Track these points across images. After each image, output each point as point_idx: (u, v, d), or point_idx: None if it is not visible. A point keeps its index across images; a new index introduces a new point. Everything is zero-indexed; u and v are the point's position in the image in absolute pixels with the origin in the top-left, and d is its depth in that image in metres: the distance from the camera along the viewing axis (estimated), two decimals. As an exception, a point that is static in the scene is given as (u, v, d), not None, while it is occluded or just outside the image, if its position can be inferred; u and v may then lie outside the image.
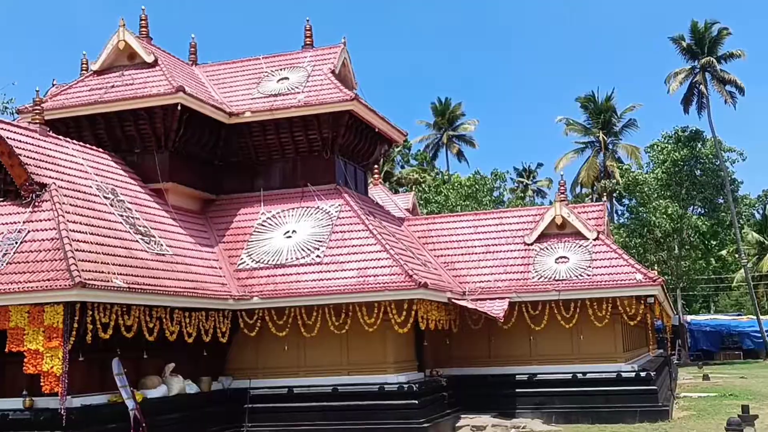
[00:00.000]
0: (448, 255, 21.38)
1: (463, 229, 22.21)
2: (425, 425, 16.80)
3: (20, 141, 15.76)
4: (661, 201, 45.73)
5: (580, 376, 19.41)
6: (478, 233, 21.89)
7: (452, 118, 64.64)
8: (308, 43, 22.48)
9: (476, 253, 21.25)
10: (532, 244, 20.83)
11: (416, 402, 16.89)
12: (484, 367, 20.18)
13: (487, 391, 19.76)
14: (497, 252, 21.05)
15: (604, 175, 54.91)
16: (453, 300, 18.90)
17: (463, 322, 19.94)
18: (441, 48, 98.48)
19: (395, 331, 16.95)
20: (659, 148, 48.79)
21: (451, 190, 45.10)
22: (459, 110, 64.81)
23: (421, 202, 41.09)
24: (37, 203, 14.86)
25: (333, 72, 20.95)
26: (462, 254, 21.33)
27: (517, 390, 19.66)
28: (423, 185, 47.92)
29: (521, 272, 20.19)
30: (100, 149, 18.82)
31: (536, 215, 21.80)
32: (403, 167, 58.30)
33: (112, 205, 16.56)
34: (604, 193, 52.84)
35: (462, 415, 19.02)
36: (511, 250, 20.93)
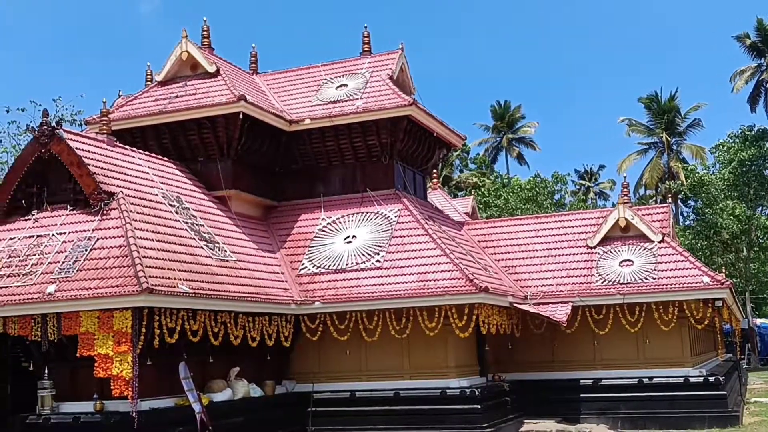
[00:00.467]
0: (509, 259, 21.23)
1: (524, 232, 22.02)
2: (488, 430, 16.71)
3: (89, 151, 16.24)
4: (728, 202, 44.53)
5: (646, 381, 19.05)
6: (540, 236, 21.67)
7: (512, 121, 64.16)
8: (366, 49, 22.63)
9: (538, 257, 21.04)
10: (595, 247, 20.54)
11: (479, 407, 16.81)
12: (547, 372, 19.97)
13: (551, 396, 19.55)
14: (559, 255, 20.80)
15: (669, 177, 53.79)
16: (515, 304, 18.76)
17: (525, 327, 19.76)
18: (500, 50, 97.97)
19: (456, 335, 16.91)
20: (725, 147, 47.52)
21: (511, 194, 44.74)
22: (519, 113, 64.31)
23: (481, 206, 40.86)
24: (105, 211, 15.29)
25: (391, 78, 21.05)
26: (523, 258, 21.14)
27: (581, 395, 19.40)
28: (482, 189, 47.65)
29: (584, 276, 19.92)
30: (165, 158, 19.27)
31: (599, 218, 21.49)
32: (461, 171, 58.11)
33: (177, 213, 16.93)
34: (669, 195, 51.73)
35: (525, 421, 18.86)
36: (574, 254, 20.68)
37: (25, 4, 77.57)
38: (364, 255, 18.29)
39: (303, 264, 18.66)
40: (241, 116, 18.88)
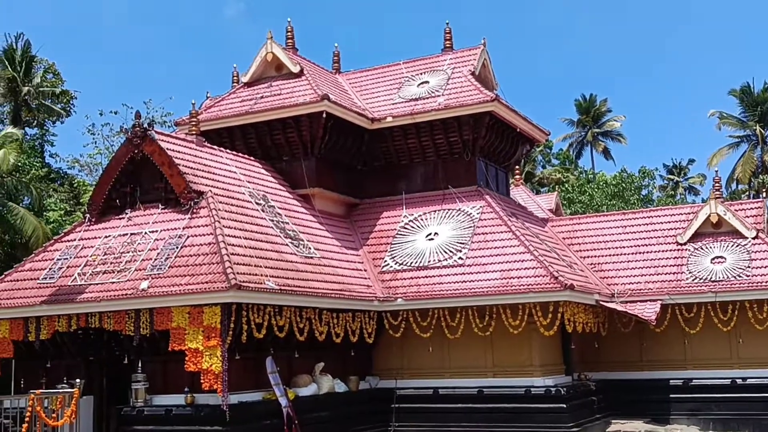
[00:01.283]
0: (595, 256, 20.85)
1: (611, 229, 21.58)
2: (573, 429, 16.49)
3: (179, 151, 16.76)
4: (827, 196, 42.54)
5: (739, 381, 18.45)
6: (627, 233, 21.20)
7: (597, 115, 62.81)
8: (448, 45, 22.60)
9: (625, 254, 20.59)
10: (685, 243, 19.98)
11: (564, 406, 16.59)
12: (635, 372, 19.56)
13: (639, 396, 19.16)
14: (647, 252, 20.32)
15: (762, 170, 51.69)
16: (601, 302, 18.43)
17: (612, 325, 19.39)
18: (585, 43, 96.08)
19: (541, 333, 16.73)
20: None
21: (596, 190, 43.82)
22: (604, 106, 62.89)
23: (565, 202, 40.17)
24: (195, 210, 15.75)
25: (473, 73, 20.96)
26: (610, 255, 20.73)
27: (670, 395, 18.96)
28: (566, 185, 46.87)
29: (674, 273, 19.41)
30: (251, 157, 19.71)
31: (689, 213, 20.88)
32: (544, 167, 57.30)
33: (263, 211, 17.30)
34: (763, 189, 49.70)
35: (612, 421, 18.52)
36: (663, 251, 20.16)
37: (114, 10, 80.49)
38: (446, 252, 18.28)
39: (385, 261, 18.78)
40: (324, 115, 19.15)
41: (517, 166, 26.01)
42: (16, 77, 38.18)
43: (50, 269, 15.81)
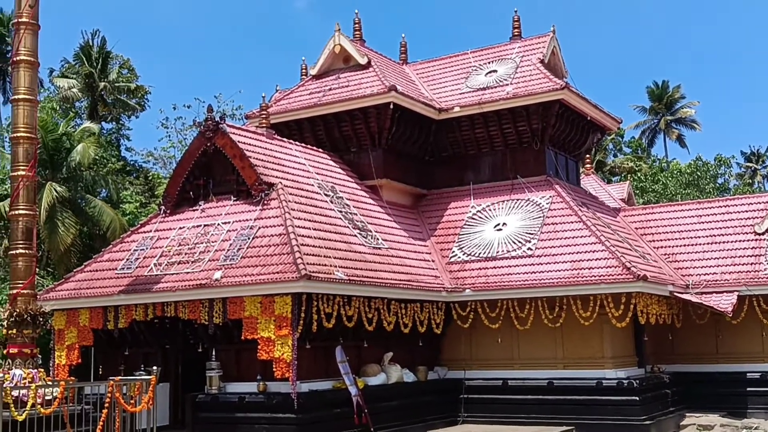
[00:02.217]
0: (669, 246, 20.41)
1: (685, 218, 21.09)
2: (646, 422, 16.21)
3: (250, 144, 17.06)
4: None
5: (820, 375, 17.84)
6: (702, 222, 20.69)
7: (670, 102, 61.25)
8: (516, 34, 22.38)
9: (700, 244, 20.10)
10: (763, 233, 19.41)
11: (637, 398, 16.33)
12: (710, 364, 19.12)
13: (715, 389, 18.72)
14: (724, 242, 19.79)
15: None
16: (675, 293, 18.04)
17: (686, 317, 18.96)
18: (656, 28, 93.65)
19: (613, 325, 16.48)
20: None
21: (670, 178, 42.77)
22: (678, 93, 61.26)
23: (637, 191, 39.32)
24: (266, 201, 16.03)
25: (542, 61, 20.71)
26: (684, 245, 20.26)
27: (747, 389, 18.50)
28: (638, 174, 45.87)
29: (751, 264, 18.87)
30: (320, 149, 19.92)
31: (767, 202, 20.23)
32: (616, 156, 56.18)
33: (332, 202, 17.48)
34: None
35: (687, 414, 18.15)
36: (740, 240, 19.62)
37: (186, 4, 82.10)
38: (515, 243, 18.15)
39: (453, 252, 18.75)
40: (391, 106, 19.21)
41: (587, 155, 25.60)
42: (92, 73, 39.35)
43: (127, 260, 16.31)
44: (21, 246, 13.53)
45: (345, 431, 14.70)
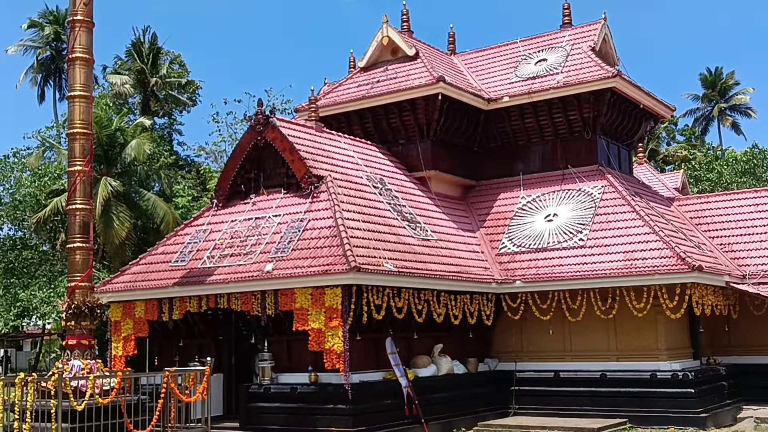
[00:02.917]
0: (725, 236, 20.00)
1: (742, 207, 20.63)
2: (702, 415, 15.93)
3: (299, 137, 17.18)
4: None
5: None
6: (759, 212, 20.23)
7: (724, 88, 59.86)
8: (566, 21, 22.09)
9: (757, 234, 19.67)
10: (823, 222, 18.87)
11: (692, 391, 16.05)
12: (768, 356, 18.68)
13: (774, 381, 18.27)
14: (782, 232, 19.30)
15: None
16: (731, 284, 17.67)
17: (743, 308, 18.54)
18: (709, 13, 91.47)
19: (667, 316, 16.22)
20: None
21: (725, 167, 41.81)
22: (732, 79, 59.81)
23: (691, 180, 38.53)
24: (315, 194, 16.13)
25: (593, 49, 20.42)
26: (741, 235, 19.84)
27: (808, 381, 17.99)
28: (692, 162, 44.94)
29: (811, 253, 18.36)
30: (368, 141, 19.96)
31: (827, 190, 19.68)
32: (669, 144, 55.13)
33: (380, 194, 17.51)
34: None
35: (744, 407, 17.77)
36: (799, 229, 19.11)
37: (235, 0, 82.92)
38: (566, 233, 17.95)
39: (503, 243, 18.63)
40: (439, 97, 19.14)
41: (640, 144, 25.17)
42: (144, 69, 40.03)
43: (181, 252, 16.58)
44: (78, 239, 13.84)
45: (395, 422, 14.74)
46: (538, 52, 21.59)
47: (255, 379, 15.69)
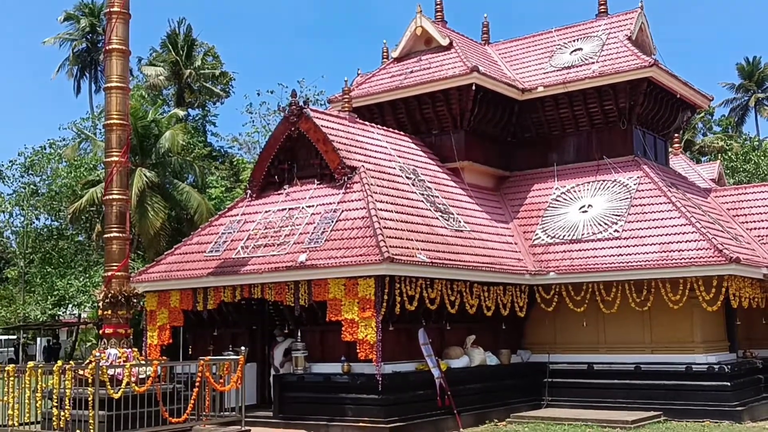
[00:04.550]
0: (763, 228, 19.69)
1: (780, 198, 20.26)
2: (738, 408, 15.73)
3: (332, 128, 17.19)
4: None
5: None
6: (798, 203, 19.85)
7: (762, 78, 58.84)
8: (602, 10, 21.83)
9: (795, 225, 19.30)
10: None
11: (728, 384, 15.85)
12: (806, 350, 18.37)
13: (811, 376, 17.96)
14: (821, 223, 18.95)
15: None
16: (769, 276, 17.38)
17: (781, 301, 18.24)
18: (746, 1, 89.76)
19: (703, 308, 16.01)
20: None
21: (763, 157, 41.13)
22: (770, 69, 58.81)
23: (727, 171, 37.96)
24: (348, 185, 16.14)
25: (629, 38, 20.15)
26: (779, 226, 19.50)
27: None
28: (729, 153, 44.25)
29: None
30: (401, 132, 19.91)
31: None
32: (705, 135, 54.33)
33: (413, 185, 17.47)
34: None
35: (781, 401, 17.50)
36: (838, 221, 18.74)
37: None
38: (600, 225, 17.78)
39: (536, 234, 18.51)
40: (473, 87, 19.02)
41: (676, 135, 24.82)
42: (178, 61, 40.35)
43: (215, 242, 16.71)
44: (115, 229, 13.97)
45: (428, 413, 14.76)
46: (574, 41, 21.37)
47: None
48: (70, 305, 33.81)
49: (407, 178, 17.62)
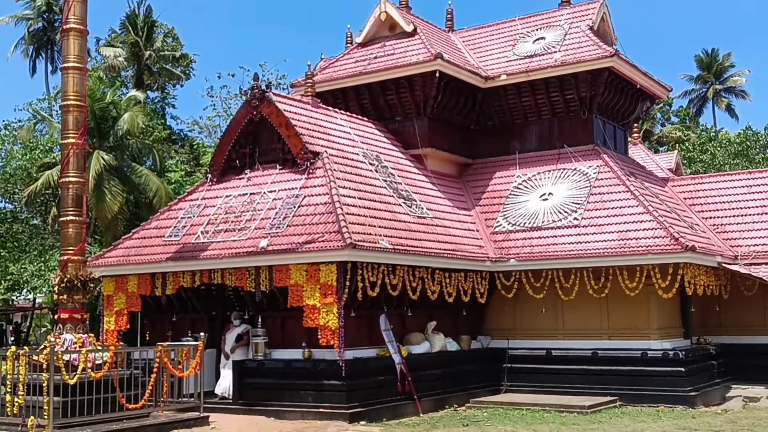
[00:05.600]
0: (718, 217, 20.08)
1: (735, 189, 20.69)
2: (691, 393, 16.06)
3: (295, 113, 17.06)
4: None
5: None
6: (752, 193, 20.31)
7: (720, 70, 59.79)
8: (565, 0, 21.93)
9: (750, 215, 19.76)
10: (815, 204, 18.96)
11: (682, 369, 16.17)
12: (758, 336, 18.83)
13: (762, 361, 18.45)
14: (774, 213, 19.38)
15: None
16: (723, 264, 17.74)
17: (734, 288, 18.63)
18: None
19: (659, 296, 16.29)
20: None
21: (719, 148, 41.86)
22: (728, 61, 59.73)
23: (685, 161, 38.57)
24: (311, 170, 16.05)
25: (591, 28, 20.32)
26: (733, 216, 19.92)
27: (796, 362, 18.14)
28: (686, 143, 44.96)
29: (803, 235, 18.46)
30: (365, 118, 19.84)
31: (821, 173, 19.72)
32: (663, 125, 55.13)
33: (376, 171, 17.44)
34: None
35: (733, 386, 17.94)
36: (791, 211, 19.19)
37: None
38: (560, 212, 17.96)
39: (498, 221, 18.64)
40: (437, 74, 19.02)
41: (635, 124, 25.15)
42: (138, 42, 39.65)
43: (175, 227, 16.51)
44: (71, 213, 13.72)
45: (388, 398, 14.80)
46: (536, 30, 21.48)
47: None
48: (25, 290, 33.22)
49: (370, 164, 17.57)
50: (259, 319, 15.25)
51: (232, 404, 14.93)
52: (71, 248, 13.61)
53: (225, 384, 15.32)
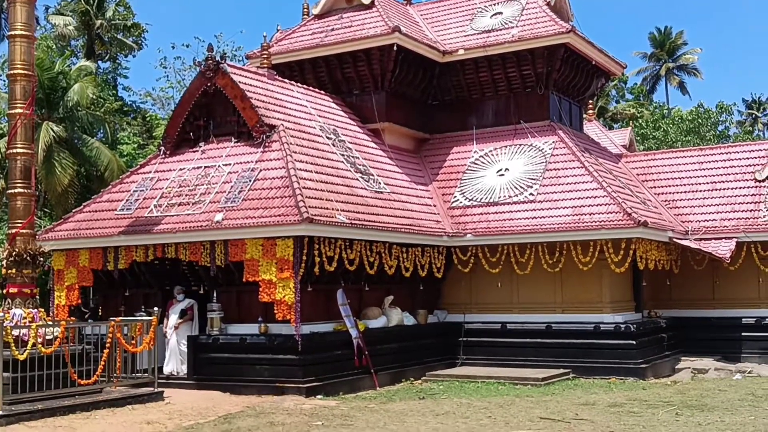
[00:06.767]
0: (670, 193, 20.40)
1: (686, 165, 21.03)
2: (642, 365, 16.41)
3: (251, 85, 16.81)
4: None
5: (817, 322, 17.97)
6: (703, 169, 20.66)
7: (673, 48, 60.61)
8: (523, -25, 21.88)
9: (700, 191, 20.11)
10: (763, 180, 19.42)
11: (633, 342, 16.49)
12: (707, 310, 19.27)
13: (710, 334, 18.93)
14: (724, 189, 19.82)
15: None
16: (674, 239, 18.07)
17: (685, 263, 19.03)
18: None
19: (612, 270, 16.54)
20: None
21: (671, 125, 42.52)
22: (681, 39, 60.57)
23: (638, 138, 39.10)
24: (267, 143, 15.86)
25: (548, 4, 20.36)
26: (685, 192, 20.26)
27: (742, 334, 18.73)
28: (640, 120, 45.57)
29: (750, 210, 18.94)
30: (322, 91, 19.65)
31: (769, 150, 20.15)
32: (618, 102, 55.78)
33: (334, 145, 17.32)
34: None
35: (682, 358, 18.39)
36: (740, 188, 19.63)
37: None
38: (516, 188, 18.08)
39: (455, 197, 18.69)
40: (395, 48, 18.90)
41: (590, 101, 25.36)
42: (89, 11, 38.65)
43: (127, 200, 16.21)
44: (20, 185, 13.39)
45: (345, 372, 14.83)
46: (494, 4, 21.43)
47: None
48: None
49: (327, 138, 17.44)
50: (215, 294, 15.10)
51: (187, 380, 14.80)
52: (20, 221, 13.30)
53: (171, 365, 15.09)
